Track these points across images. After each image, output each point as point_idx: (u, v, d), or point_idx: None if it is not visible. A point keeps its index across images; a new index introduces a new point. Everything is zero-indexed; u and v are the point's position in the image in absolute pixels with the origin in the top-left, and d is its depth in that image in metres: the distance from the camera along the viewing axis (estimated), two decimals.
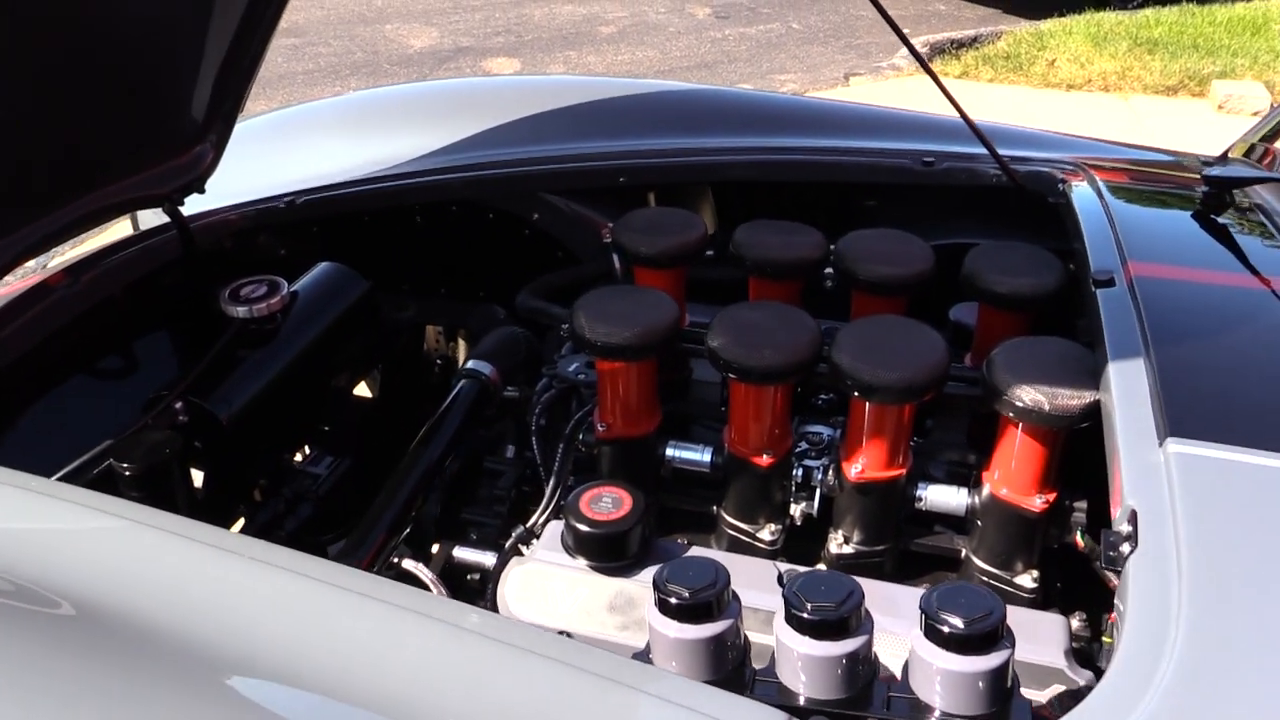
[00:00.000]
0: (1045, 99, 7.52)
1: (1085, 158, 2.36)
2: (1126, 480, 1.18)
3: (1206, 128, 7.02)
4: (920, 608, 1.15)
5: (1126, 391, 1.30)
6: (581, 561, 1.54)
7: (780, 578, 1.52)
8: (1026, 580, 1.58)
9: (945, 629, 1.12)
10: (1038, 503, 1.52)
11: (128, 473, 1.61)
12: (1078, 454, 1.52)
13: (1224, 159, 2.45)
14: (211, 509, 2.02)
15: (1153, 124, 7.06)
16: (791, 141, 2.50)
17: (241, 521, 2.08)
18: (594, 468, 1.77)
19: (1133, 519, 1.13)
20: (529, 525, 1.67)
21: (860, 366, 1.47)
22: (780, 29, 9.20)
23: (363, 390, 2.81)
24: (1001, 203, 2.29)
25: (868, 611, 1.18)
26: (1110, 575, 1.36)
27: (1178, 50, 8.03)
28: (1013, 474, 1.53)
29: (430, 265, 2.65)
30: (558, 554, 1.55)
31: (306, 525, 2.14)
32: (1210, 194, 1.79)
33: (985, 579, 1.60)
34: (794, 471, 1.65)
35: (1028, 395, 1.41)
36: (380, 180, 2.44)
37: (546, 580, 1.54)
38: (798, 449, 1.64)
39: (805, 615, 1.15)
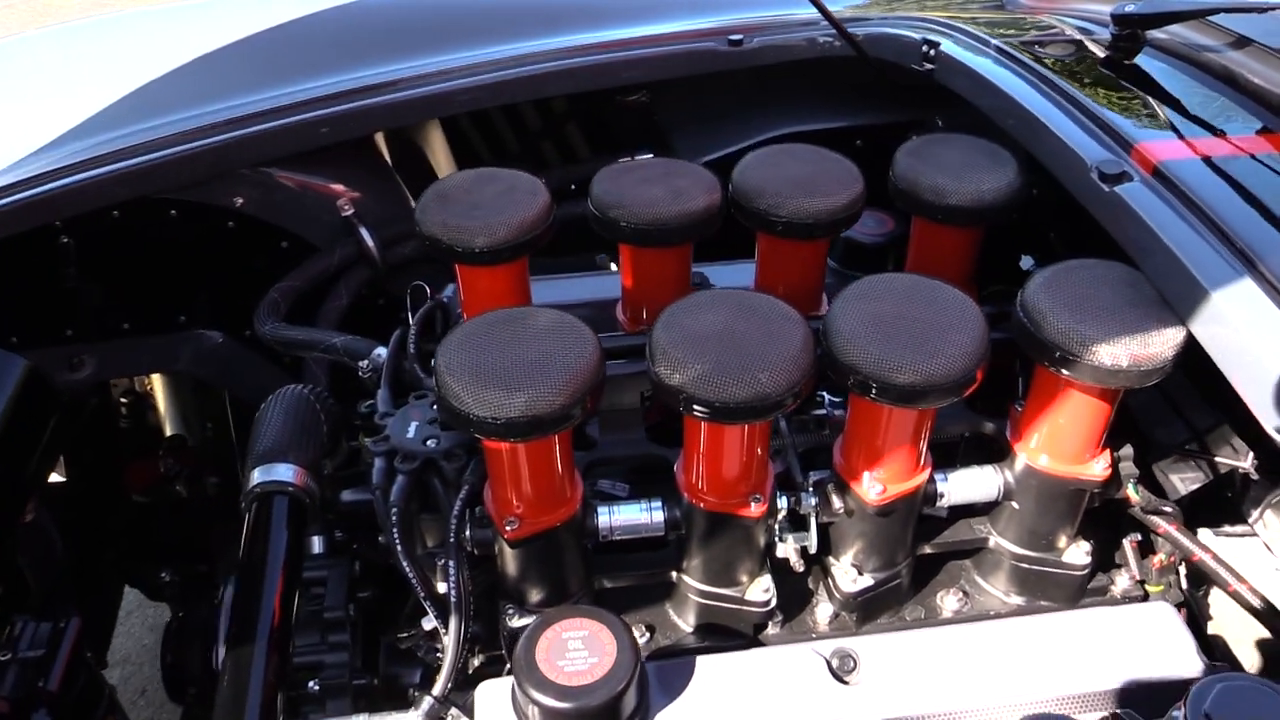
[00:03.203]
0: None
1: (901, 9, 2.03)
2: None
3: None
4: (1186, 711, 0.78)
5: (1262, 331, 0.98)
6: None
7: (830, 665, 1.11)
8: (1078, 555, 1.27)
9: None
10: (1097, 470, 1.20)
11: None
12: None
13: None
14: None
15: None
16: (541, 45, 1.93)
17: None
18: (488, 569, 1.24)
19: None
20: (439, 693, 1.12)
21: (889, 365, 1.03)
22: None
23: None
24: (836, 79, 1.91)
25: None
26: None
27: None
28: (1061, 441, 1.19)
29: (99, 297, 1.86)
30: None
31: None
32: (1122, 36, 1.50)
33: (1023, 564, 1.28)
34: (777, 502, 1.21)
35: (1105, 351, 1.06)
36: None
37: None
38: None
39: None
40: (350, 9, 2.04)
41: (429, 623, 1.30)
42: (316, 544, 1.55)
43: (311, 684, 1.39)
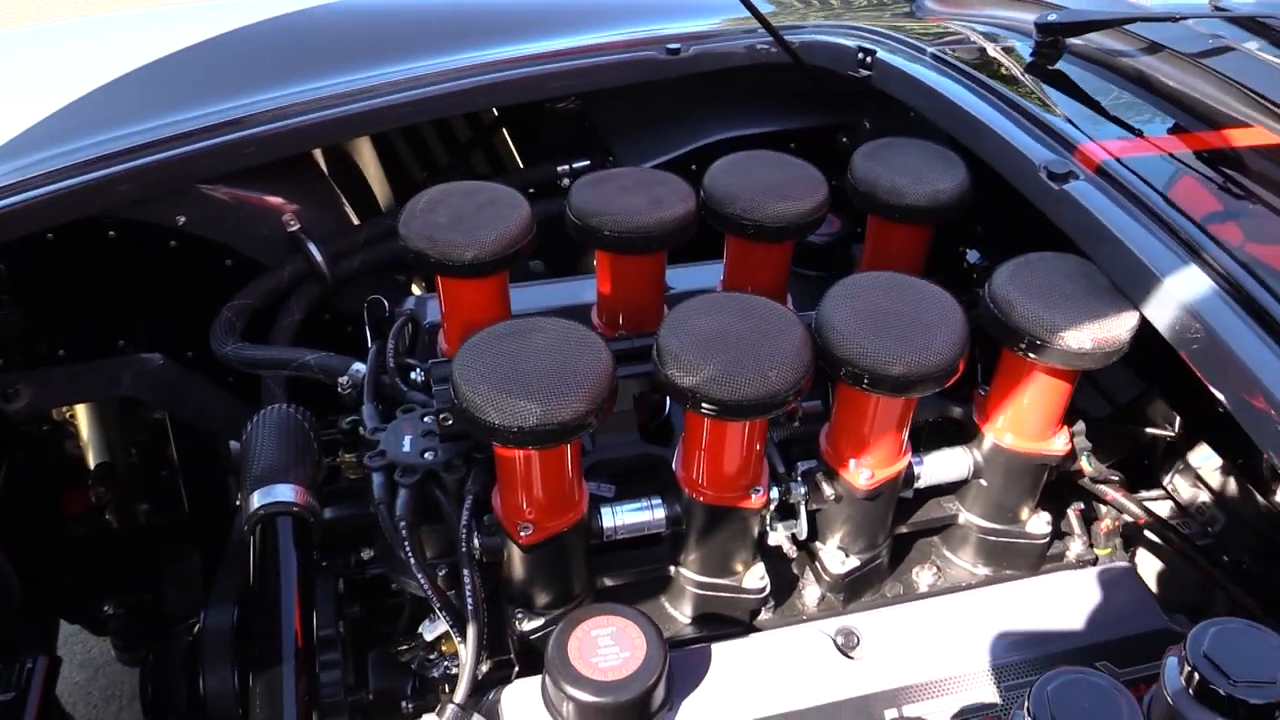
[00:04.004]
0: None
1: (814, 16, 2.12)
2: None
3: None
4: (1186, 654, 0.88)
5: (1206, 309, 1.09)
6: None
7: (836, 642, 1.18)
8: (1039, 525, 1.38)
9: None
10: (1059, 445, 1.30)
11: None
12: None
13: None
14: None
15: None
16: (479, 56, 1.94)
17: None
18: (490, 576, 1.26)
19: None
20: (461, 700, 1.14)
21: (883, 358, 1.11)
22: None
23: None
24: (767, 84, 1.99)
25: None
26: None
27: None
28: (1026, 420, 1.29)
29: (31, 323, 1.80)
30: None
31: None
32: (1045, 44, 1.62)
33: (990, 537, 1.38)
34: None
35: (1071, 336, 1.15)
36: None
37: None
38: None
39: None
40: (283, 23, 2.02)
41: (430, 632, 1.32)
42: None
43: None
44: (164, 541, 2.09)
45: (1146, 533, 1.47)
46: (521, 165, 2.38)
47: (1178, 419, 1.47)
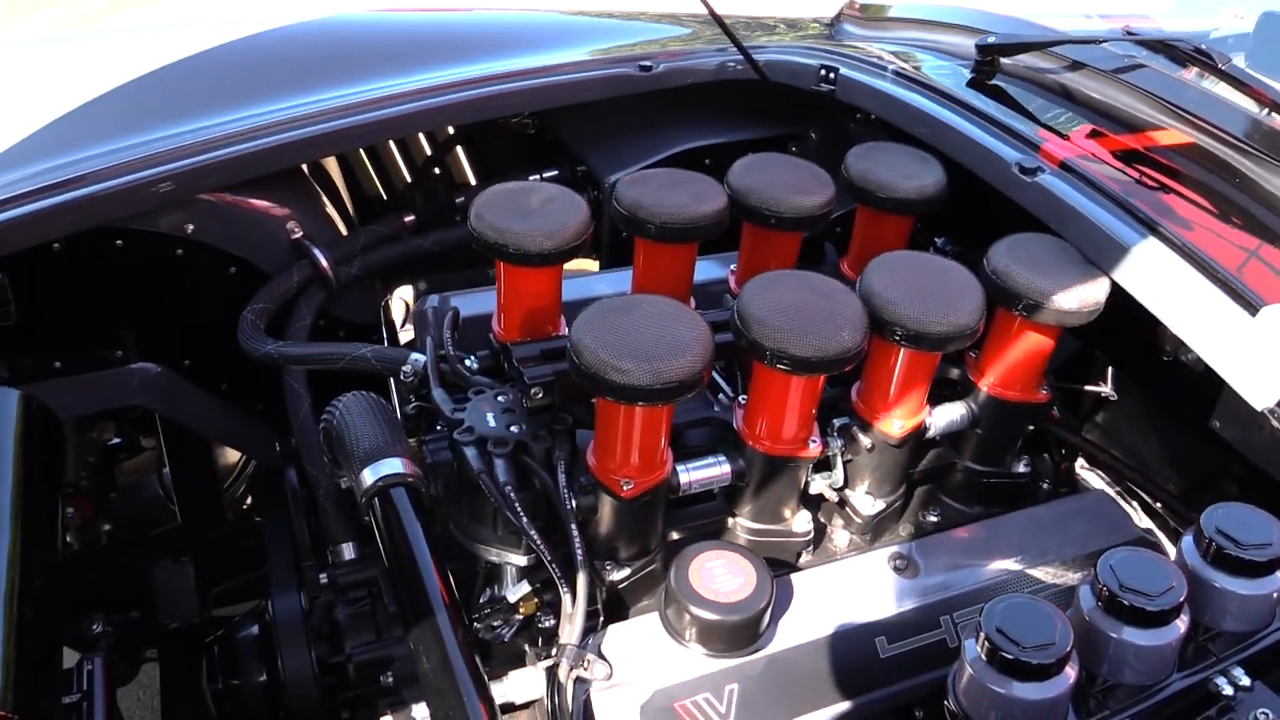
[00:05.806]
0: None
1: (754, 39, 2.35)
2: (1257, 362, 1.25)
3: None
4: (1202, 530, 1.12)
5: (1169, 270, 1.36)
6: (697, 650, 1.23)
7: (893, 565, 1.38)
8: (1020, 467, 1.62)
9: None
10: (1044, 393, 1.55)
11: None
12: None
13: (839, 19, 2.60)
14: None
15: None
16: (465, 72, 2.05)
17: None
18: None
19: None
20: (577, 642, 1.26)
21: (926, 320, 1.32)
22: None
23: None
24: (723, 98, 2.18)
25: None
26: None
27: None
28: (1015, 373, 1.52)
29: (34, 332, 1.80)
30: (668, 652, 1.22)
31: None
32: (984, 62, 1.90)
33: (983, 480, 1.62)
34: None
35: (1060, 298, 1.40)
36: None
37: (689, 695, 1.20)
38: None
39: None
40: (272, 37, 2.08)
41: (514, 594, 1.43)
42: (348, 550, 1.63)
43: (383, 678, 1.48)
44: (155, 554, 2.09)
45: (1095, 472, 1.74)
46: (474, 181, 2.50)
47: (1109, 378, 1.76)
